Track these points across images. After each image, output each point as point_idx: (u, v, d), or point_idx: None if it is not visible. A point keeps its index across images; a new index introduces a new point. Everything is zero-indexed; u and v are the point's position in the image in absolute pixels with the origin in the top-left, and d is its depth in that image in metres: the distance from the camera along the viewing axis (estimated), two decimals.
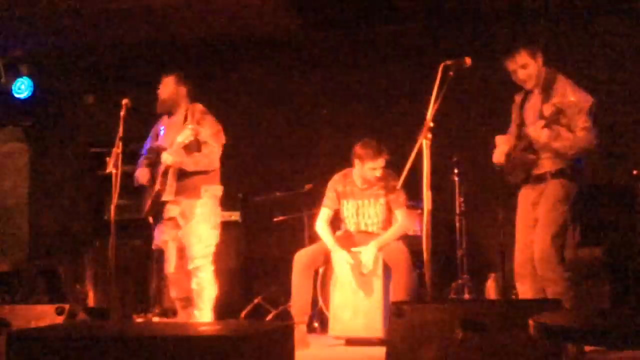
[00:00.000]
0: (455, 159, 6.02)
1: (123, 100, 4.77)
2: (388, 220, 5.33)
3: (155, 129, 5.25)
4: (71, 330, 3.50)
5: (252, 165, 7.21)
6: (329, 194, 5.41)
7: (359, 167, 5.28)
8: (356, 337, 5.10)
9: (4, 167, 7.95)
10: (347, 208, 5.37)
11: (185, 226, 4.96)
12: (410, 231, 5.56)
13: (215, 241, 5.04)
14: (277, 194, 6.46)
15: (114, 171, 4.60)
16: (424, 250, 3.99)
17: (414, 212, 5.73)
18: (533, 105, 4.49)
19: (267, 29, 7.08)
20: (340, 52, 7.29)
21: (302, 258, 5.19)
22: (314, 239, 5.53)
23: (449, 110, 4.22)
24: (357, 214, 5.35)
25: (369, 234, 5.29)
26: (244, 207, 6.69)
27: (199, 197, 4.99)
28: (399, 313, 3.47)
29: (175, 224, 5.01)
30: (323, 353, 5.02)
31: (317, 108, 7.23)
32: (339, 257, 5.14)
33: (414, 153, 3.98)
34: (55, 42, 7.33)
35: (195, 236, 4.95)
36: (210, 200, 5.05)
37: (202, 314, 4.96)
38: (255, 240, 6.86)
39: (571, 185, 4.39)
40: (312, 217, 5.69)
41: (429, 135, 3.96)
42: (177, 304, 5.13)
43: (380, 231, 5.28)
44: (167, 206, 4.99)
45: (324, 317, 5.43)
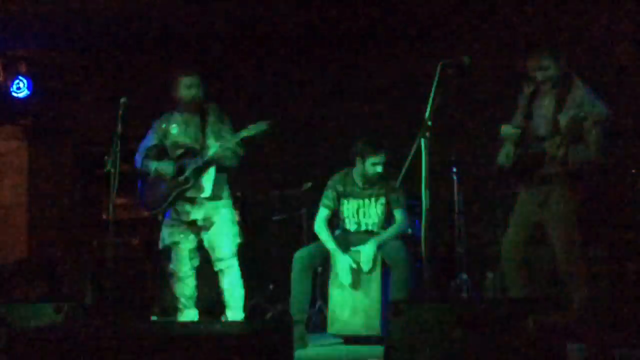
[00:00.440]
0: (453, 157, 6.02)
1: (121, 99, 4.76)
2: (388, 220, 5.32)
3: (160, 126, 5.13)
4: (69, 329, 3.50)
5: (251, 163, 7.21)
6: (329, 194, 5.37)
7: (360, 165, 5.24)
8: (355, 335, 5.10)
9: (3, 166, 7.95)
10: (348, 208, 5.34)
11: (212, 227, 4.94)
12: (409, 230, 5.56)
13: (241, 239, 5.05)
14: (276, 192, 6.46)
15: (112, 170, 4.59)
16: (422, 248, 3.99)
17: (412, 211, 5.72)
18: (545, 106, 4.41)
19: (266, 28, 7.08)
20: (339, 51, 7.29)
21: (301, 257, 5.17)
22: (313, 237, 5.52)
23: (447, 109, 4.21)
24: (358, 214, 5.33)
25: (369, 233, 5.27)
26: (243, 205, 6.68)
27: (221, 197, 5.01)
28: (397, 312, 3.47)
29: (194, 227, 4.98)
30: (322, 352, 5.01)
31: (316, 106, 7.22)
32: (342, 261, 5.11)
33: (412, 152, 3.98)
34: (54, 41, 7.33)
35: (225, 236, 4.96)
36: (230, 200, 5.08)
37: (235, 314, 4.95)
38: (254, 239, 6.86)
39: (579, 187, 4.37)
40: (311, 216, 5.68)
41: (428, 133, 3.95)
42: (180, 302, 5.05)
43: (381, 231, 5.26)
44: (185, 206, 4.95)
45: (322, 316, 5.43)
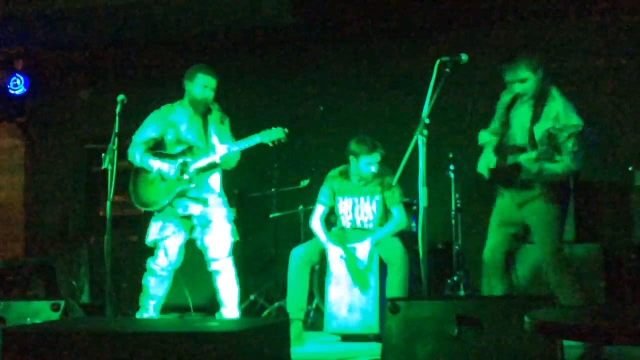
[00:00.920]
0: (451, 155, 6.03)
1: (119, 97, 4.75)
2: (384, 217, 5.33)
3: (165, 117, 5.03)
4: (67, 326, 3.50)
5: (247, 161, 7.20)
6: (325, 191, 5.39)
7: (354, 164, 5.27)
8: (352, 333, 5.11)
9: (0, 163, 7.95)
10: (343, 205, 5.35)
11: (208, 227, 4.90)
12: (405, 227, 5.56)
13: (236, 237, 5.01)
14: (273, 190, 6.46)
15: (110, 167, 4.59)
16: (419, 246, 4.00)
17: (409, 209, 5.73)
18: (522, 116, 4.37)
19: (264, 27, 7.08)
20: (337, 50, 7.28)
21: (298, 254, 5.18)
22: (310, 235, 5.52)
23: (445, 107, 4.22)
24: (354, 211, 5.34)
25: (365, 230, 5.28)
26: (240, 203, 6.68)
27: (218, 196, 5.00)
28: (394, 309, 3.48)
29: (187, 221, 4.96)
30: (319, 349, 5.02)
31: (313, 104, 7.22)
32: (332, 252, 5.14)
33: (409, 149, 3.99)
34: (51, 39, 7.31)
35: (220, 235, 4.92)
36: (225, 197, 5.06)
37: (231, 313, 4.91)
38: (251, 237, 6.86)
39: (561, 194, 4.36)
40: (308, 214, 5.68)
41: (425, 131, 3.96)
42: (148, 303, 4.93)
43: (377, 228, 5.27)
44: (183, 200, 4.93)
45: (319, 314, 5.43)
